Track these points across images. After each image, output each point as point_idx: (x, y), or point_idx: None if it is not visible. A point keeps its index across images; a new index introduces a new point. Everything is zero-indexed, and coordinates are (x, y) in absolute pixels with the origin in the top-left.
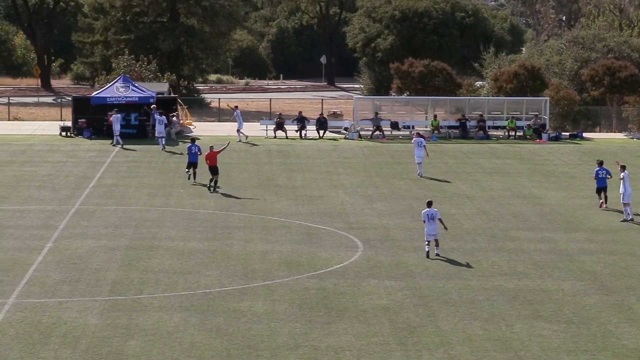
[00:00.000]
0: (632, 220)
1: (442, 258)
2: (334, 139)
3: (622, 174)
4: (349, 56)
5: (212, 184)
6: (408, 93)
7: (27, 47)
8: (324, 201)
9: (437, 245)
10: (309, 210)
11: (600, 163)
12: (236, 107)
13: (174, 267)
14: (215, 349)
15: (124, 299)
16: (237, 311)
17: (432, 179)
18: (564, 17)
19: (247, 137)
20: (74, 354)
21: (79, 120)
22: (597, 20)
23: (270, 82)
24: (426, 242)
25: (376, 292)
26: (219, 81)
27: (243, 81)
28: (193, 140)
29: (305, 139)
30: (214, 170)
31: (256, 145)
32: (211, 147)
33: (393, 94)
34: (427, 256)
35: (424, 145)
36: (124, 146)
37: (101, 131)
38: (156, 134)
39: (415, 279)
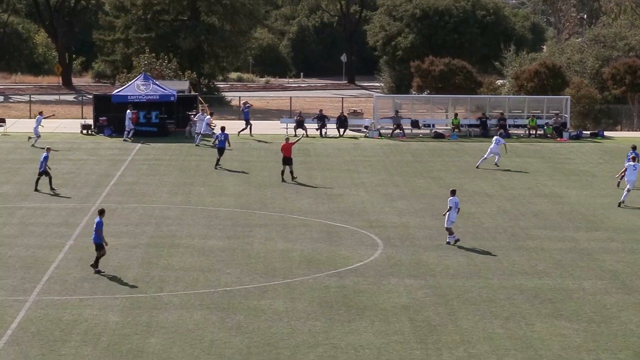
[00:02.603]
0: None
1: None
2: (354, 138)
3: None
4: (369, 54)
5: (287, 174)
6: (428, 91)
7: (48, 45)
8: (344, 199)
9: (451, 233)
10: (329, 208)
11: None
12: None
13: (195, 264)
14: (236, 346)
15: (145, 297)
16: (257, 309)
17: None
18: (585, 16)
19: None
20: (95, 352)
21: (100, 118)
22: (618, 19)
23: (290, 80)
24: (446, 228)
25: (396, 291)
26: (239, 79)
27: (263, 79)
28: (223, 128)
29: (326, 137)
30: (287, 160)
31: (270, 143)
32: (287, 139)
33: (413, 92)
34: (448, 243)
35: (504, 144)
36: (140, 143)
37: (122, 129)
38: (197, 130)
39: (435, 278)
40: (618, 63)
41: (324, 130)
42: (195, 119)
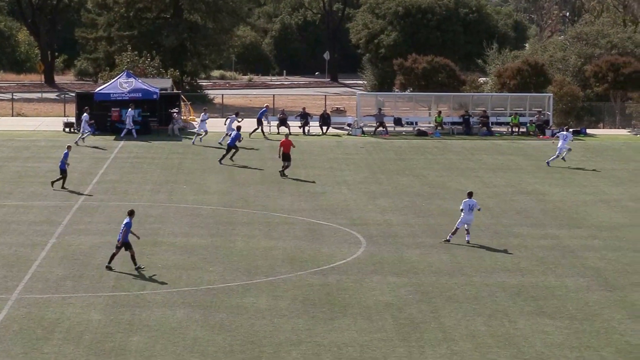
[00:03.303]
0: None
1: (469, 245)
2: (337, 135)
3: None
4: (352, 52)
5: (283, 169)
6: (411, 89)
7: (30, 43)
8: (327, 197)
9: (467, 232)
10: (312, 206)
11: None
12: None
13: (177, 262)
14: (218, 344)
15: (127, 295)
16: (240, 307)
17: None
18: (568, 13)
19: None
20: (77, 350)
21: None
22: (600, 16)
23: (273, 78)
24: (455, 229)
25: (379, 288)
26: (222, 77)
27: (246, 77)
28: (239, 128)
29: (309, 135)
30: (286, 157)
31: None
32: (286, 135)
33: (396, 90)
34: (447, 241)
35: (572, 139)
36: (125, 140)
37: (105, 127)
38: (197, 130)
39: (418, 275)
40: (600, 61)
41: (306, 128)
42: (177, 116)
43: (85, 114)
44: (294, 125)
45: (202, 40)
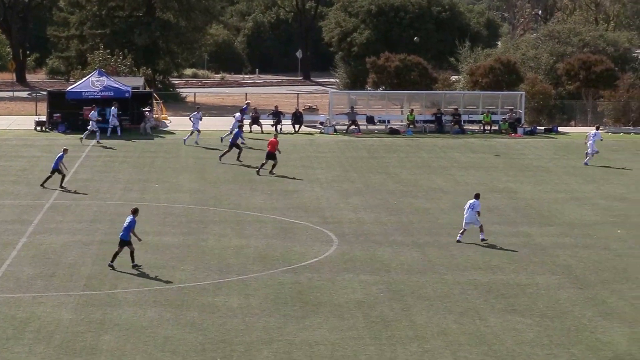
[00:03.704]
0: None
1: (483, 244)
2: (310, 134)
3: None
4: (325, 50)
5: (263, 167)
6: (384, 87)
7: (2, 41)
8: (299, 196)
9: (481, 230)
10: (284, 204)
11: None
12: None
13: (149, 261)
14: (190, 343)
15: (99, 294)
16: (212, 306)
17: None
18: (540, 11)
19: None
20: (48, 349)
21: (54, 115)
22: (572, 15)
23: (246, 76)
24: (462, 230)
25: (351, 287)
26: (194, 76)
27: (219, 76)
28: (240, 127)
29: (281, 133)
30: (271, 156)
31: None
32: (275, 135)
33: (369, 88)
34: (458, 241)
35: (600, 139)
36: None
37: (76, 126)
38: (192, 128)
39: (390, 274)
40: (572, 59)
41: (279, 127)
42: (149, 114)
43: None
44: (267, 123)
45: (175, 39)
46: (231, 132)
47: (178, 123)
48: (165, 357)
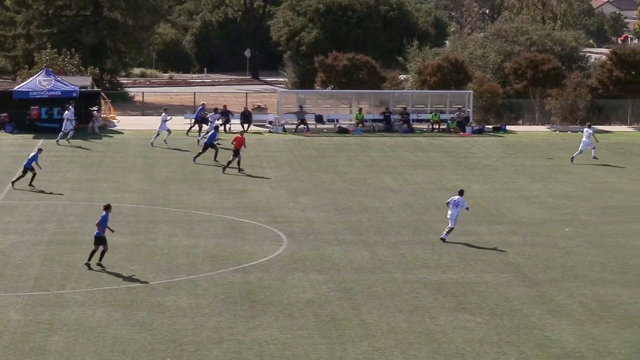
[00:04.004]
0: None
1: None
2: (259, 133)
3: None
4: (273, 50)
5: (229, 165)
6: (332, 86)
7: None
8: (249, 195)
9: (449, 231)
10: (234, 204)
11: None
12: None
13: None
14: (139, 343)
15: (47, 294)
16: (161, 305)
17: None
18: (487, 11)
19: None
20: None
21: (1, 115)
22: (520, 14)
23: (194, 75)
24: (449, 228)
25: (301, 286)
26: (142, 75)
27: (167, 75)
28: (216, 127)
29: (230, 132)
30: (236, 152)
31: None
32: (241, 132)
33: (317, 87)
34: (442, 239)
35: (592, 134)
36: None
37: (23, 126)
38: (158, 130)
39: (339, 273)
40: (520, 58)
41: (227, 126)
42: (96, 114)
43: (67, 112)
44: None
45: (122, 38)
46: (207, 133)
47: (127, 122)
48: (114, 357)
